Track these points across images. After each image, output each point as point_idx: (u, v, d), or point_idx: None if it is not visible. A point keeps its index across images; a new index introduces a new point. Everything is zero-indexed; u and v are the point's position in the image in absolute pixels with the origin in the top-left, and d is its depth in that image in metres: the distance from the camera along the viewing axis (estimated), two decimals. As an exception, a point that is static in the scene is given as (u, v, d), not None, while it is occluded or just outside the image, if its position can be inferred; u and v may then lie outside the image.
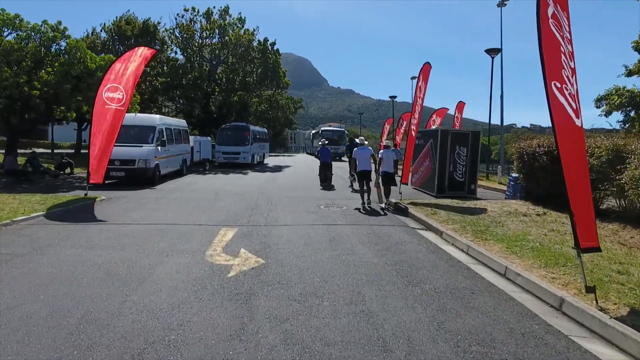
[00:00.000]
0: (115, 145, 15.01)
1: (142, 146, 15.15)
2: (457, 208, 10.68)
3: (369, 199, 11.35)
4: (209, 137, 26.31)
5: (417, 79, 13.09)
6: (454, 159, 13.87)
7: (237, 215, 9.48)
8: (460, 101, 26.98)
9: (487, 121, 25.41)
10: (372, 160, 11.49)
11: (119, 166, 14.54)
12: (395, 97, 36.33)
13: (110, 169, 14.48)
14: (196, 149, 23.38)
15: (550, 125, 4.69)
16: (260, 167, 28.97)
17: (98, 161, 11.06)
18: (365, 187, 11.34)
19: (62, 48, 17.72)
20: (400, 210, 10.87)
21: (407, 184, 14.15)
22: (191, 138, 23.03)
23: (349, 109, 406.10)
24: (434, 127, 18.73)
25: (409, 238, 7.81)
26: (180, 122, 20.68)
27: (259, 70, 34.49)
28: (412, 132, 13.26)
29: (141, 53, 12.36)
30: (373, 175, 11.72)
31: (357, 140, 13.59)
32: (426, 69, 12.76)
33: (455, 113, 27.27)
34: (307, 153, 76.16)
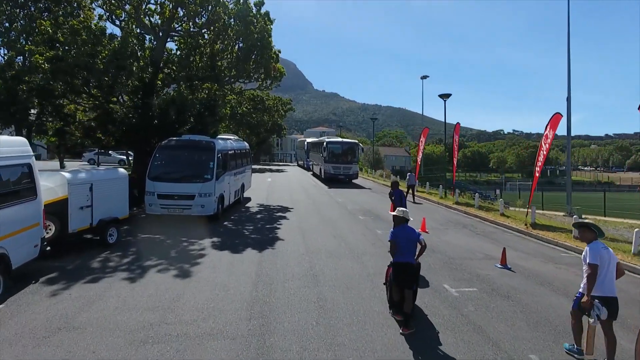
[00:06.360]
0: None
1: None
2: None
3: None
4: (120, 169, 12.47)
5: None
6: None
7: None
8: (556, 113, 15.44)
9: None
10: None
11: None
12: (449, 95, 23.29)
13: None
14: (80, 202, 9.82)
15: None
16: (234, 219, 15.48)
17: None
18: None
19: None
20: None
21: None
22: (54, 177, 9.51)
23: (334, 112, 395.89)
24: None
25: None
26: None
27: (236, 48, 20.96)
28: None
29: None
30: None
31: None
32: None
33: (547, 129, 15.79)
34: (298, 165, 62.56)
